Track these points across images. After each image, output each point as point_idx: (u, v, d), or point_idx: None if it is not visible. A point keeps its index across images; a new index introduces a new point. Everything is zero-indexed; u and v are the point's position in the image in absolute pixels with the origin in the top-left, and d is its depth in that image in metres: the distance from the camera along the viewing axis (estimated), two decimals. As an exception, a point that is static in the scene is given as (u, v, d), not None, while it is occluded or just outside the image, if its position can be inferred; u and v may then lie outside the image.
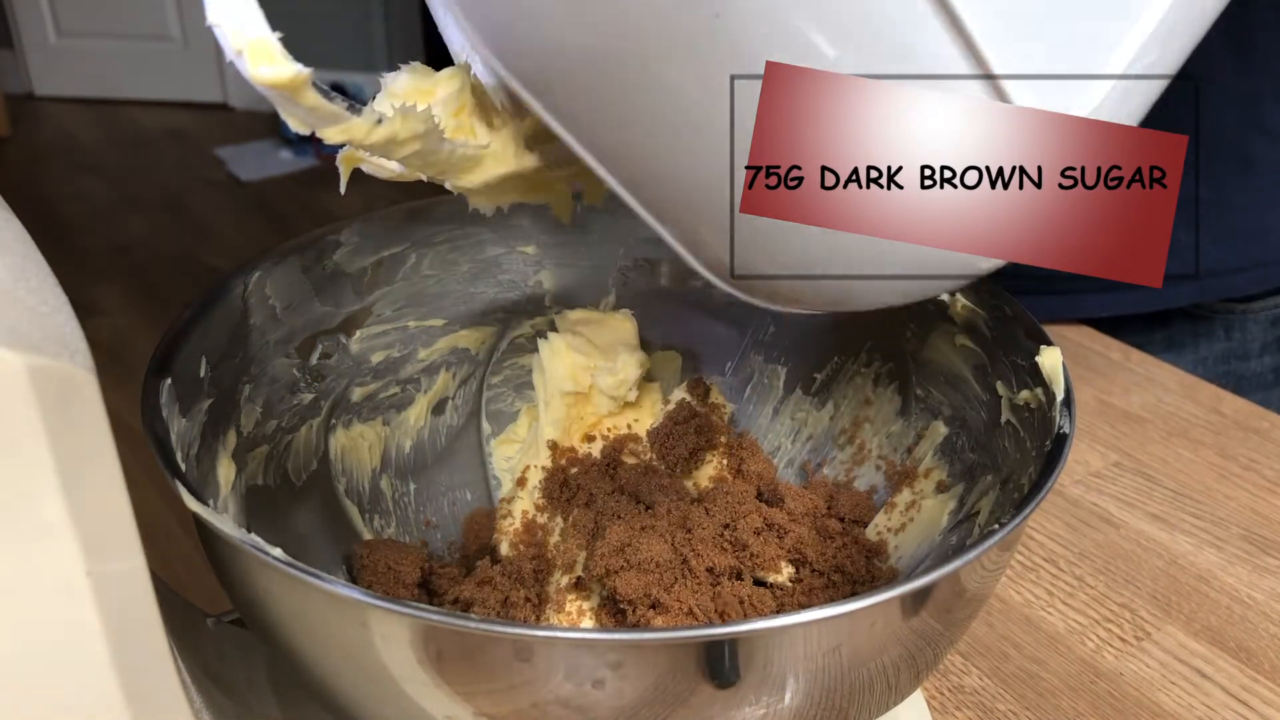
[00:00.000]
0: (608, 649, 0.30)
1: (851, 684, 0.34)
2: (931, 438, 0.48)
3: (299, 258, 0.47)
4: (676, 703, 0.31)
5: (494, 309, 0.53)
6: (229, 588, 0.37)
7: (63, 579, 0.27)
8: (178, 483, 0.34)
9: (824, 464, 0.52)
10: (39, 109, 3.48)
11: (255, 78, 0.29)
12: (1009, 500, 0.41)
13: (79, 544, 0.27)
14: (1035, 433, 0.40)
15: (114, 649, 0.29)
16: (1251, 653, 0.52)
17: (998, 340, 0.44)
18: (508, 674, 0.31)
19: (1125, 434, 0.67)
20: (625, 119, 0.31)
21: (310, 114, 0.30)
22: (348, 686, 0.35)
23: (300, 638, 0.34)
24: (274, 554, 0.31)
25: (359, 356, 0.50)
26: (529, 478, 0.50)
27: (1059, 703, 0.50)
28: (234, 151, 3.21)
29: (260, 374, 0.45)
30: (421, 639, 0.31)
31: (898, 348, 0.50)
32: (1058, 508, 0.61)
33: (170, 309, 1.32)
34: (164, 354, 0.40)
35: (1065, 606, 0.55)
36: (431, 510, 0.52)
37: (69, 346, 0.27)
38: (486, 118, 0.35)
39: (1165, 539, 0.59)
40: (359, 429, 0.50)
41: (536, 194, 0.37)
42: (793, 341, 0.53)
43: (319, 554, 0.47)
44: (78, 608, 0.28)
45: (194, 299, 0.43)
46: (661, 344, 0.54)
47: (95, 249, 2.70)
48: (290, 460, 0.47)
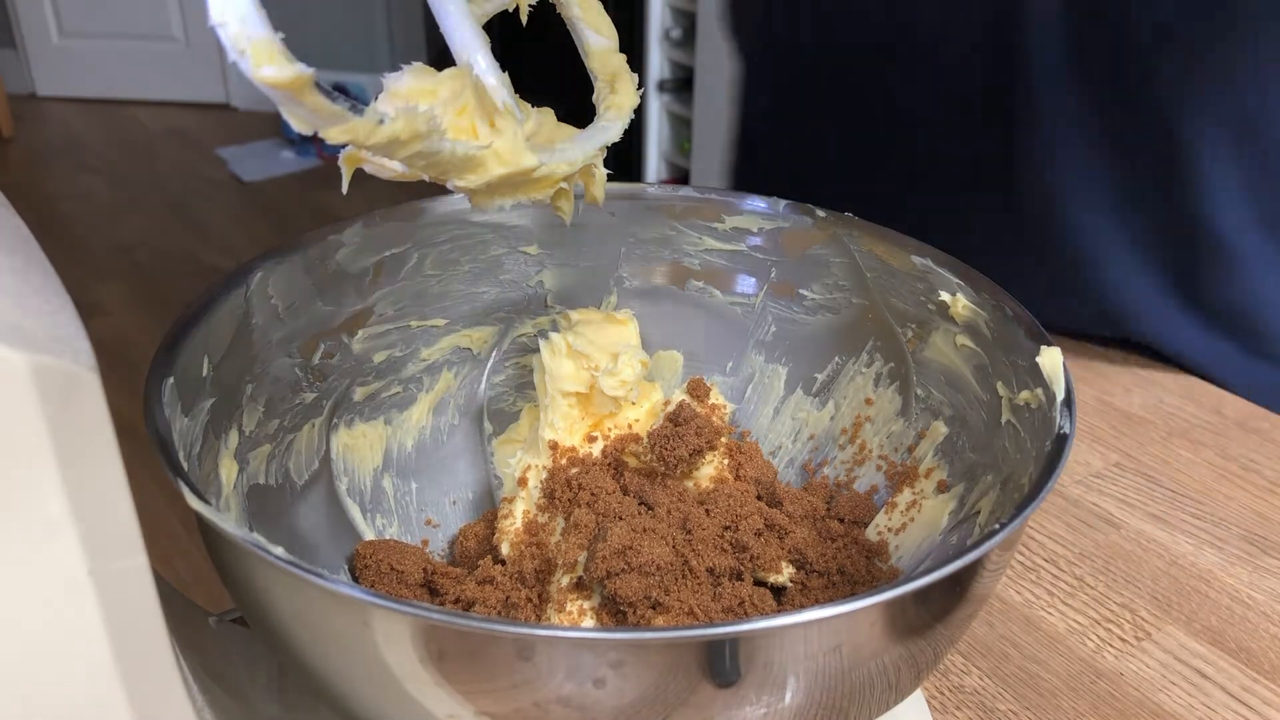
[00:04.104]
0: (609, 648, 0.30)
1: (852, 683, 0.34)
2: (932, 438, 0.48)
3: (301, 257, 0.47)
4: (677, 702, 0.31)
5: (496, 309, 0.53)
6: (231, 587, 0.37)
7: (65, 578, 0.27)
8: (180, 482, 0.34)
9: (825, 464, 0.52)
10: (41, 109, 3.49)
11: (258, 78, 0.29)
12: (1009, 500, 0.41)
13: (81, 543, 0.27)
14: (1036, 433, 0.40)
15: (116, 648, 0.29)
16: (1252, 653, 0.52)
17: (998, 340, 0.44)
18: (509, 673, 0.31)
19: (1126, 434, 0.67)
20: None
21: (313, 114, 0.30)
22: (349, 686, 0.35)
23: (302, 637, 0.34)
24: (276, 553, 0.31)
25: (361, 356, 0.50)
26: (530, 478, 0.50)
27: (1059, 703, 0.50)
28: (236, 152, 3.22)
29: (262, 373, 0.45)
30: (423, 638, 0.31)
31: (898, 348, 0.50)
32: (1058, 508, 0.61)
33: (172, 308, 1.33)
34: (166, 353, 0.40)
35: (1066, 607, 0.55)
36: (433, 510, 0.53)
37: (71, 346, 0.27)
38: (488, 117, 0.35)
39: (1165, 539, 0.59)
40: (361, 428, 0.50)
41: (537, 193, 0.37)
42: (793, 342, 0.53)
43: (321, 553, 0.47)
44: (80, 607, 0.28)
45: (196, 298, 0.43)
46: (662, 344, 0.54)
47: (97, 248, 2.70)
48: (292, 460, 0.47)
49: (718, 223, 0.53)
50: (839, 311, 0.52)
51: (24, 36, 3.47)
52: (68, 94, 3.54)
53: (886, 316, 0.50)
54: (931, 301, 0.48)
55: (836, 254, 0.51)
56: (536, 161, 0.35)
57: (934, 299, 0.48)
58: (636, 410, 0.50)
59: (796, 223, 0.51)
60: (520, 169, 0.34)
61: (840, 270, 0.51)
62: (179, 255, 2.68)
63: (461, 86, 0.34)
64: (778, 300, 0.53)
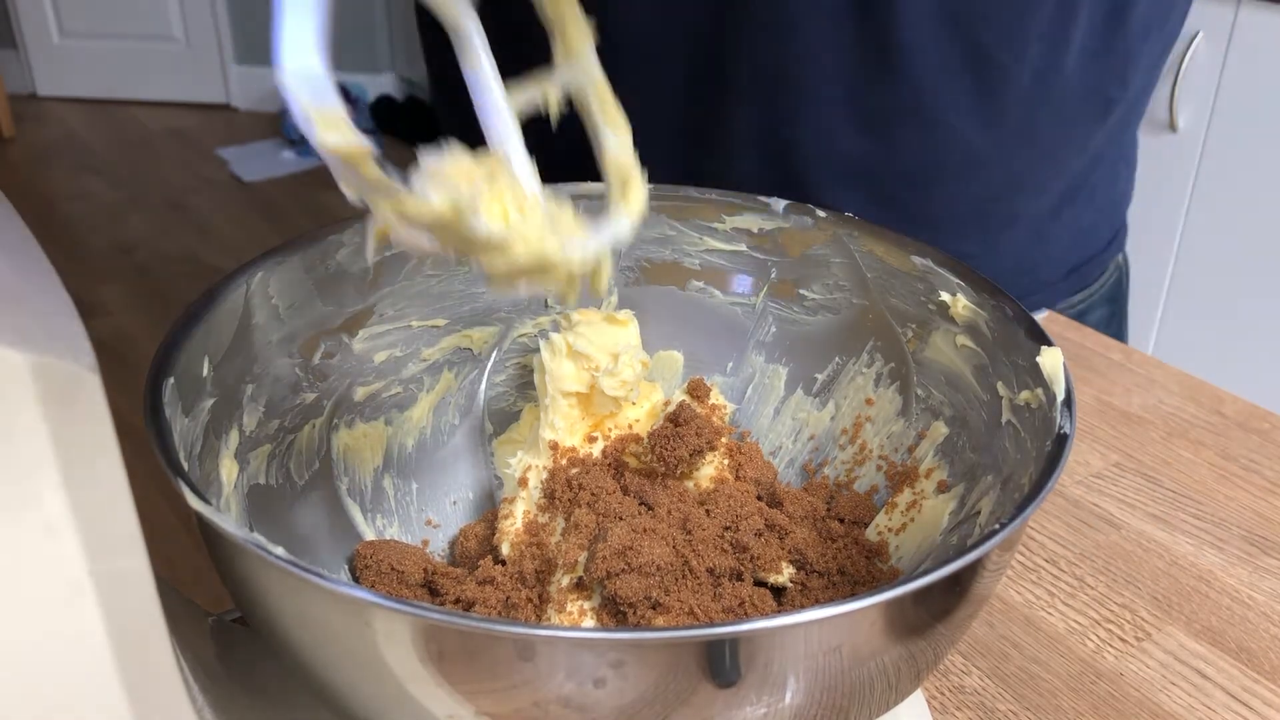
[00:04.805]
0: (609, 648, 0.30)
1: (852, 683, 0.34)
2: (932, 438, 0.48)
3: (301, 257, 0.47)
4: (677, 702, 0.31)
5: (496, 309, 0.53)
6: (231, 587, 0.37)
7: (65, 577, 0.27)
8: (180, 482, 0.34)
9: (825, 464, 0.52)
10: (42, 109, 3.49)
11: (322, 144, 0.30)
12: (1010, 501, 0.41)
13: (82, 543, 0.27)
14: (1036, 433, 0.40)
15: (116, 647, 0.29)
16: (1252, 654, 0.52)
17: (998, 340, 0.45)
18: (510, 673, 0.31)
19: (1126, 434, 0.67)
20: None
21: (366, 184, 0.32)
22: (349, 685, 0.35)
23: (302, 637, 0.34)
24: (276, 553, 0.31)
25: (361, 356, 0.50)
26: (530, 478, 0.50)
27: (1059, 703, 0.50)
28: (236, 152, 3.22)
29: (263, 373, 0.45)
30: (424, 638, 0.31)
31: (899, 348, 0.50)
32: (1058, 508, 0.61)
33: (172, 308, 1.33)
34: (166, 353, 0.40)
35: (1066, 607, 0.55)
36: (433, 510, 0.53)
37: (72, 346, 0.27)
38: (518, 204, 0.36)
39: (1166, 540, 0.59)
40: (361, 428, 0.50)
41: (550, 282, 0.38)
42: (794, 342, 0.53)
43: (321, 553, 0.47)
44: (80, 606, 0.28)
45: (196, 298, 0.43)
46: (662, 344, 0.54)
47: (98, 249, 2.70)
48: (292, 459, 0.47)
49: (718, 223, 0.53)
50: (839, 312, 0.52)
51: (24, 36, 3.47)
52: (68, 94, 3.54)
53: (887, 317, 0.50)
54: (932, 302, 0.48)
55: (837, 254, 0.51)
56: (560, 251, 0.36)
57: (934, 299, 0.48)
58: (637, 410, 0.50)
59: (797, 223, 0.51)
60: (544, 256, 0.36)
61: (840, 270, 0.51)
62: (179, 255, 2.68)
63: (497, 172, 0.36)
64: (778, 300, 0.53)
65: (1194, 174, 1.63)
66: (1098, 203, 0.80)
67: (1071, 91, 0.71)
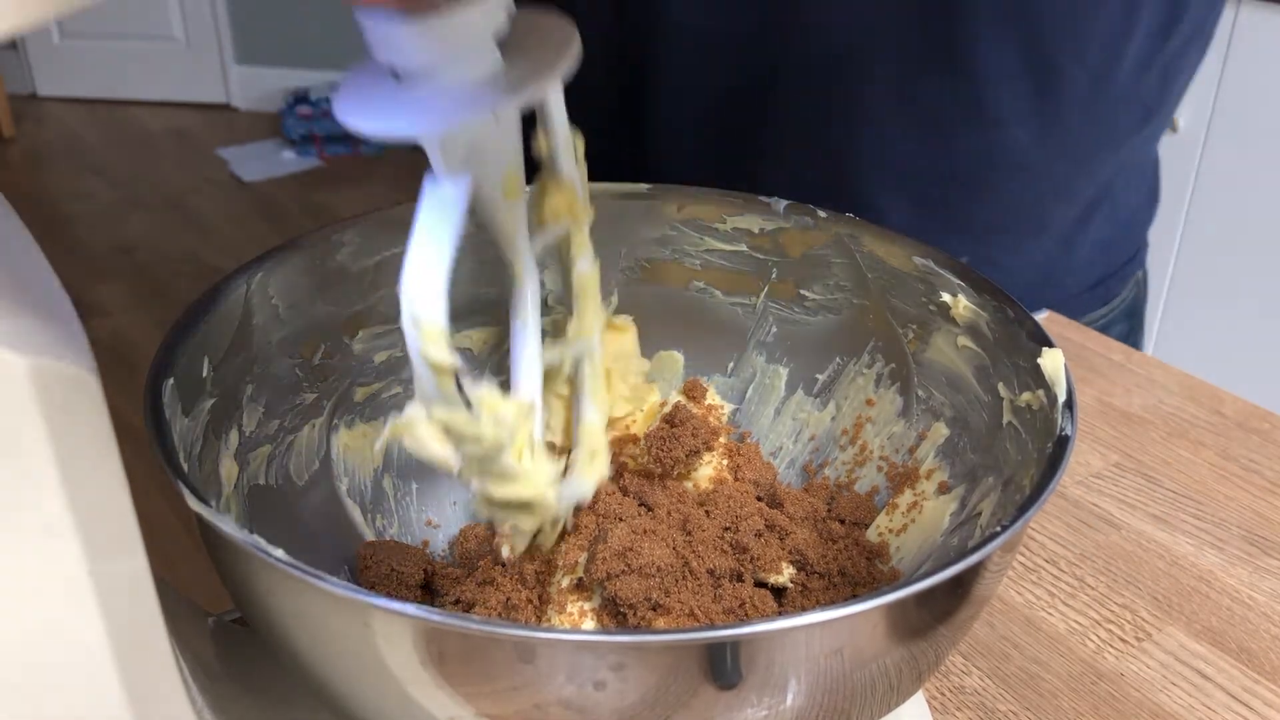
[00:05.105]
0: (610, 650, 0.30)
1: (853, 685, 0.34)
2: (933, 439, 0.48)
3: (302, 258, 0.47)
4: (678, 704, 0.31)
5: (497, 309, 0.53)
6: (231, 587, 0.37)
7: (65, 578, 0.27)
8: (180, 482, 0.34)
9: (825, 465, 0.52)
10: (42, 109, 3.49)
11: (423, 354, 0.34)
12: (1010, 502, 0.41)
13: (81, 543, 0.27)
14: (1037, 434, 0.40)
15: (116, 648, 0.29)
16: (1252, 654, 0.52)
17: (999, 342, 0.44)
18: (510, 675, 0.31)
19: (1126, 435, 0.67)
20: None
21: (438, 393, 0.35)
22: (349, 687, 0.35)
23: (302, 638, 0.34)
24: (276, 554, 0.31)
25: (361, 356, 0.50)
26: (531, 478, 0.50)
27: (1060, 703, 0.50)
28: (236, 152, 3.21)
29: (262, 374, 0.45)
30: (424, 640, 0.31)
31: (899, 349, 0.50)
32: (1059, 509, 0.61)
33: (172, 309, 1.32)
34: (166, 354, 0.40)
35: (1066, 607, 0.55)
36: (433, 510, 0.53)
37: (72, 346, 0.27)
38: (530, 447, 0.40)
39: (1166, 540, 0.59)
40: (361, 429, 0.50)
41: (527, 518, 0.41)
42: (794, 342, 0.53)
43: (321, 554, 0.47)
44: (80, 607, 0.28)
45: (196, 299, 0.43)
46: (663, 344, 0.54)
47: (98, 249, 2.70)
48: (292, 460, 0.47)
49: (718, 223, 0.52)
50: (840, 312, 0.52)
51: (24, 36, 3.47)
52: (68, 94, 3.54)
53: (888, 317, 0.50)
54: (933, 302, 0.48)
55: (837, 255, 0.51)
56: (554, 500, 0.40)
57: (935, 300, 0.48)
58: (636, 412, 0.50)
59: (797, 223, 0.51)
60: (536, 498, 0.40)
61: (841, 271, 0.51)
62: (179, 255, 2.68)
63: (525, 415, 0.40)
64: (778, 301, 0.53)
65: (1194, 174, 1.63)
66: (1119, 215, 0.80)
67: (1119, 100, 0.71)
